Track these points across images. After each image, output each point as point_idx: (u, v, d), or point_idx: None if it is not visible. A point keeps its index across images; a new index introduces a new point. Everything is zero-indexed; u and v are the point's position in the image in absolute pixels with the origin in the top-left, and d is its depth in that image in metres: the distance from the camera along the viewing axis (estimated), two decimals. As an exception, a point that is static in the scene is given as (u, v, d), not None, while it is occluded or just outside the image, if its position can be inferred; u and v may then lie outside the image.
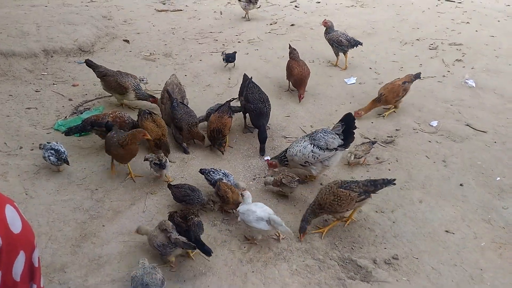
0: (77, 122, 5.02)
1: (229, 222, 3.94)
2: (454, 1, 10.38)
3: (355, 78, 6.68)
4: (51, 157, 4.27)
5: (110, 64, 6.76)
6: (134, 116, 5.00)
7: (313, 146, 4.16)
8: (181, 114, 4.90)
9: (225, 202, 3.90)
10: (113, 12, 9.25)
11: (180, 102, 5.09)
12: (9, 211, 1.33)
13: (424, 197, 4.29)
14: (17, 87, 6.11)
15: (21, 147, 4.81)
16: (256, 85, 5.27)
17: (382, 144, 5.10)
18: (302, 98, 5.95)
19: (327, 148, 4.16)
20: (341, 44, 6.74)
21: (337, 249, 3.68)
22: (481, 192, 4.36)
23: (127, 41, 7.92)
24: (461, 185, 4.45)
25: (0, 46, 6.68)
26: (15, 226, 1.34)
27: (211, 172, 4.18)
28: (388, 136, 5.25)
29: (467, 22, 9.03)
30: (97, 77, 5.69)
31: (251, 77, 5.35)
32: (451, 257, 3.61)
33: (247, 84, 5.22)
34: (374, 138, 5.21)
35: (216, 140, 4.79)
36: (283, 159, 4.40)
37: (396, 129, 5.40)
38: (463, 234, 3.85)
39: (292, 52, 6.24)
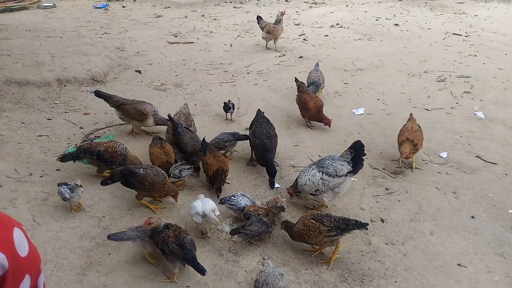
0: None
1: (236, 252, 3.88)
2: (461, 35, 10.52)
3: (363, 109, 6.72)
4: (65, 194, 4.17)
5: (122, 93, 6.88)
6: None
7: (322, 174, 4.13)
8: (187, 139, 4.97)
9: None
10: (126, 43, 9.51)
11: (185, 127, 5.17)
12: (17, 234, 1.33)
13: (435, 229, 4.21)
14: (30, 115, 6.23)
15: (31, 174, 4.85)
16: (267, 120, 5.21)
17: (391, 175, 5.06)
18: (331, 122, 5.94)
19: (336, 175, 4.14)
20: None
21: (346, 282, 3.59)
22: (493, 225, 4.26)
23: (139, 71, 8.10)
24: (472, 217, 4.37)
25: (15, 75, 6.87)
26: (23, 249, 1.33)
27: (232, 199, 4.21)
28: (397, 167, 5.21)
29: (475, 55, 9.11)
30: (113, 106, 5.76)
31: (264, 112, 5.37)
32: (464, 292, 3.50)
33: (258, 119, 5.20)
34: (383, 169, 5.18)
35: (217, 180, 4.53)
36: (295, 190, 4.35)
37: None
38: (475, 268, 3.74)
39: (301, 86, 6.28)
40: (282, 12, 9.10)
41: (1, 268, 1.25)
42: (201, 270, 3.36)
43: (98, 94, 5.82)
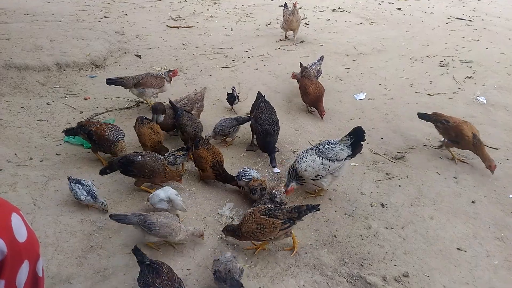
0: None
1: (236, 236, 3.89)
2: (464, 19, 10.39)
3: (365, 94, 6.67)
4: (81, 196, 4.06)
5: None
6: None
7: (322, 159, 4.11)
8: (186, 120, 4.97)
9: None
10: (125, 28, 9.41)
11: (185, 111, 5.16)
12: (15, 219, 1.32)
13: (435, 213, 4.21)
14: (29, 99, 6.20)
15: (31, 158, 4.85)
16: (268, 104, 5.11)
17: (392, 160, 5.04)
18: (324, 115, 5.87)
19: (336, 159, 4.13)
20: None
21: (346, 265, 3.61)
22: (494, 210, 4.26)
23: (138, 56, 8.03)
24: (473, 202, 4.37)
25: (14, 60, 6.81)
26: (21, 234, 1.32)
27: (246, 173, 4.30)
28: (398, 152, 5.19)
29: (478, 40, 9.01)
30: (130, 87, 5.82)
31: (264, 95, 5.32)
32: (463, 275, 3.52)
33: (259, 103, 5.10)
34: (384, 154, 5.16)
35: (226, 178, 4.44)
36: (298, 179, 4.20)
37: (407, 145, 5.35)
38: (475, 252, 3.75)
39: (304, 71, 6.19)
40: (294, 3, 8.33)
41: (0, 253, 1.24)
42: None
43: (110, 82, 5.85)
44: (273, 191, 4.05)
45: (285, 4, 8.83)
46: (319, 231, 3.97)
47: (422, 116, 5.31)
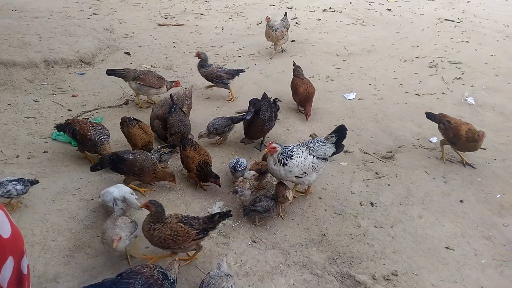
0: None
1: (226, 234, 3.87)
2: (453, 21, 10.49)
3: (355, 93, 6.70)
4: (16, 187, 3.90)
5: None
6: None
7: (313, 157, 4.10)
8: (174, 120, 4.94)
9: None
10: (115, 25, 9.32)
11: (180, 109, 5.12)
12: None
13: (423, 213, 4.24)
14: (17, 96, 6.11)
15: (17, 156, 4.77)
16: (271, 104, 5.21)
17: (381, 159, 5.07)
18: (309, 116, 5.87)
19: (324, 158, 4.14)
20: (221, 78, 6.22)
21: (335, 264, 3.62)
22: (481, 209, 4.31)
23: (128, 53, 7.96)
24: (461, 201, 4.41)
25: (1, 56, 6.70)
26: (4, 230, 1.29)
27: (239, 163, 4.42)
28: (387, 151, 5.22)
29: (467, 41, 9.10)
30: (130, 80, 5.78)
31: (271, 98, 5.34)
32: (451, 274, 3.55)
33: (266, 103, 5.13)
34: (373, 153, 5.19)
35: (206, 174, 4.33)
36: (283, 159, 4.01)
37: (396, 145, 5.39)
38: (463, 251, 3.79)
39: (297, 70, 6.19)
40: (266, 18, 7.87)
41: None
42: None
43: (110, 72, 5.86)
44: (237, 188, 4.03)
45: (285, 14, 8.42)
46: (309, 229, 3.98)
47: (429, 115, 5.36)
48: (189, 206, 4.20)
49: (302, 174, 4.09)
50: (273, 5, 11.58)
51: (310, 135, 5.43)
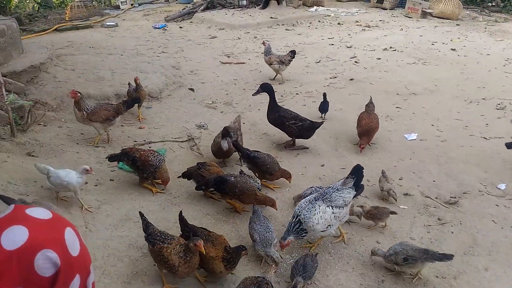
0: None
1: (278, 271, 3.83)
2: (523, 62, 10.01)
3: (416, 134, 6.51)
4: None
5: (175, 110, 7.20)
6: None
7: (332, 208, 3.86)
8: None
9: None
10: (181, 62, 9.88)
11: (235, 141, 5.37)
12: (69, 234, 1.38)
13: (490, 264, 3.95)
14: (89, 126, 6.57)
15: (86, 182, 5.08)
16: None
17: (444, 205, 4.83)
18: (362, 148, 5.87)
19: (345, 205, 3.95)
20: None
21: (392, 313, 3.44)
22: (558, 265, 3.94)
23: (192, 89, 8.36)
24: (533, 255, 4.07)
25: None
26: (74, 249, 1.38)
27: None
28: (451, 197, 4.97)
29: (538, 83, 8.61)
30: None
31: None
32: (523, 336, 3.24)
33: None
34: (436, 198, 4.96)
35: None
36: (299, 232, 3.80)
37: (461, 191, 5.12)
38: (536, 311, 3.46)
39: (368, 105, 6.30)
40: (263, 42, 9.24)
41: (54, 266, 1.30)
42: None
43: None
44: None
45: (292, 51, 8.78)
46: (364, 275, 3.83)
47: (509, 145, 5.21)
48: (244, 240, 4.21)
49: (327, 227, 3.87)
50: (332, 44, 11.74)
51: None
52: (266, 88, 6.16)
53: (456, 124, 6.92)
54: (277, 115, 6.01)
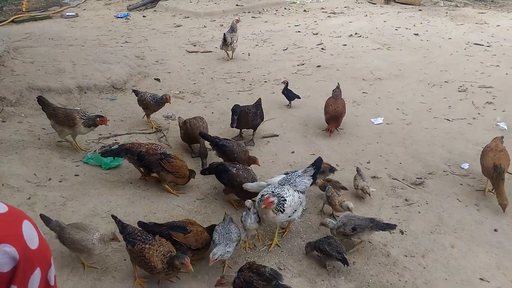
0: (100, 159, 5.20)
1: (252, 258, 3.83)
2: (483, 45, 10.34)
3: (382, 118, 6.63)
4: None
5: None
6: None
7: (298, 192, 3.93)
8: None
9: None
10: (146, 52, 9.64)
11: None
12: (27, 227, 1.33)
13: (456, 242, 4.09)
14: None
15: (50, 179, 4.92)
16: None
17: (411, 186, 4.96)
18: (331, 133, 5.95)
19: (304, 191, 4.06)
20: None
21: (364, 294, 3.51)
22: (518, 239, 4.12)
23: (158, 79, 8.18)
24: (495, 230, 4.24)
25: (37, 82, 7.02)
26: (33, 242, 1.33)
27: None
28: (417, 178, 5.10)
29: (497, 65, 8.93)
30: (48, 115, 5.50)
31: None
32: (487, 308, 3.38)
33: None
34: (402, 179, 5.08)
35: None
36: (280, 204, 3.74)
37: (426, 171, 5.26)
38: (498, 283, 3.61)
39: (335, 91, 6.33)
40: (237, 19, 9.63)
41: (13, 260, 1.25)
42: None
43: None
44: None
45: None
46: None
47: None
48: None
49: (293, 212, 3.89)
50: (299, 32, 11.74)
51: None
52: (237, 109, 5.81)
53: (420, 107, 7.09)
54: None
